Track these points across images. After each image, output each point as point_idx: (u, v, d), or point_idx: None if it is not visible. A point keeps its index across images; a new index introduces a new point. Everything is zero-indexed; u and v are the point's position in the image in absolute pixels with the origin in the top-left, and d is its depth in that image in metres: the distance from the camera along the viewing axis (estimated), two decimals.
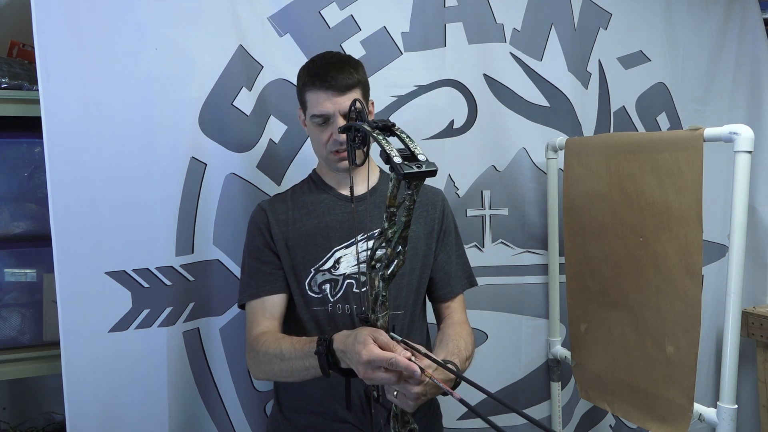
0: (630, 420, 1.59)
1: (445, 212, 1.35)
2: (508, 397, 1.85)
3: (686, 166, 1.33)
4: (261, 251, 1.30)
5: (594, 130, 1.90)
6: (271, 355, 1.16)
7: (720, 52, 2.07)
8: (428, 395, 1.01)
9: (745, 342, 1.78)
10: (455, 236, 1.38)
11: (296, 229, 1.29)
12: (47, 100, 1.31)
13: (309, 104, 1.25)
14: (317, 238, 1.29)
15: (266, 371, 1.21)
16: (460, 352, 1.17)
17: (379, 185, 1.35)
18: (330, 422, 1.27)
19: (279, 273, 1.28)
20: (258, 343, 1.20)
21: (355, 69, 1.25)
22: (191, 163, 1.47)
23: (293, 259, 1.28)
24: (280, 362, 1.14)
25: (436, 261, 1.33)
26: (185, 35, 1.45)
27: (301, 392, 1.29)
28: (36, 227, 1.55)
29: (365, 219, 1.28)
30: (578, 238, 1.68)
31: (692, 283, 1.35)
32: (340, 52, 1.31)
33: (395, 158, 0.86)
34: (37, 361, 1.52)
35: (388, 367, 0.94)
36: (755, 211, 2.10)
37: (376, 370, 0.95)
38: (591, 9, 1.88)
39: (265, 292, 1.27)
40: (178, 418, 1.49)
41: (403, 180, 0.86)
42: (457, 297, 1.35)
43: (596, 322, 1.65)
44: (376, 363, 0.94)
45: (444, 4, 1.73)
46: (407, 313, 1.29)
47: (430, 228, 1.33)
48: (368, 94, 1.30)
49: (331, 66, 1.23)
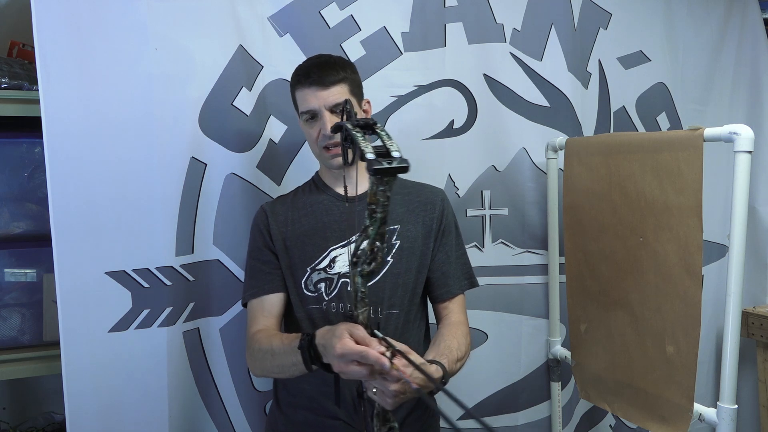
0: (630, 420, 1.59)
1: (444, 212, 1.35)
2: (508, 397, 1.85)
3: (686, 166, 1.33)
4: (261, 251, 1.32)
5: (594, 130, 1.90)
6: (264, 352, 1.19)
7: (720, 52, 2.07)
8: (408, 394, 1.01)
9: (745, 342, 1.78)
10: (455, 237, 1.37)
11: (295, 230, 1.31)
12: (47, 100, 1.31)
13: (298, 103, 1.29)
14: (314, 238, 1.29)
15: (261, 368, 1.24)
16: (450, 353, 1.17)
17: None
18: (322, 418, 1.28)
19: (277, 273, 1.30)
20: (254, 341, 1.23)
21: (341, 67, 1.27)
22: (191, 163, 1.47)
23: (291, 259, 1.30)
24: (272, 358, 1.17)
25: (433, 261, 1.33)
26: (185, 35, 1.45)
27: (297, 388, 1.31)
28: (36, 227, 1.55)
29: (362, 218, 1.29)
30: (578, 238, 1.68)
31: (692, 283, 1.35)
32: (331, 54, 1.33)
33: (368, 155, 0.87)
34: (37, 361, 1.52)
35: (360, 360, 0.95)
36: (755, 211, 2.10)
37: (350, 363, 0.97)
38: (591, 9, 1.88)
39: (263, 291, 1.30)
40: (178, 418, 1.49)
41: (373, 176, 0.87)
42: (455, 298, 1.34)
43: (596, 322, 1.65)
44: (348, 356, 0.96)
45: (444, 4, 1.73)
46: (402, 312, 1.29)
47: (429, 227, 1.33)
48: (360, 93, 1.32)
49: (315, 64, 1.27)
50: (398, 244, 1.30)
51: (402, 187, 1.36)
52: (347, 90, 1.25)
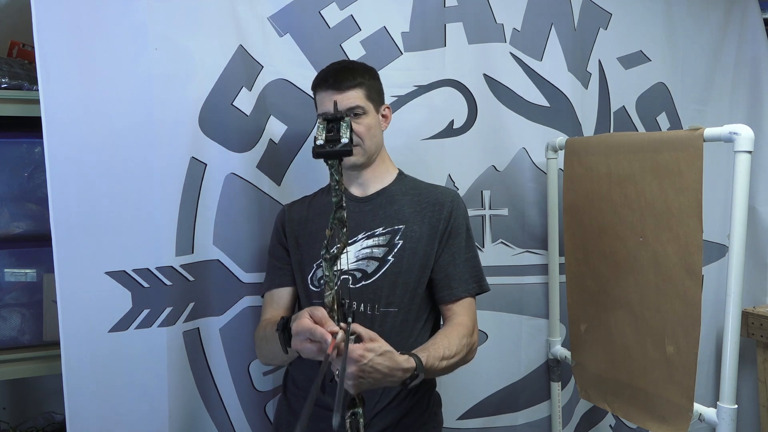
0: (630, 420, 1.59)
1: (453, 213, 1.35)
2: (508, 397, 1.85)
3: (686, 166, 1.33)
4: (275, 248, 1.42)
5: (594, 130, 1.90)
6: (261, 338, 1.32)
7: (720, 52, 2.07)
8: (367, 378, 1.05)
9: (745, 342, 1.78)
10: (466, 239, 1.36)
11: (307, 228, 1.38)
12: (47, 100, 1.31)
13: (318, 105, 1.35)
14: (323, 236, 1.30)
15: (262, 354, 1.36)
16: (436, 350, 1.18)
17: (391, 186, 1.38)
18: (318, 408, 1.27)
19: (288, 268, 1.39)
20: (258, 329, 1.36)
21: (359, 73, 1.33)
22: (191, 163, 1.47)
23: (301, 255, 1.37)
24: (266, 344, 1.29)
25: (437, 262, 1.33)
26: (185, 35, 1.45)
27: (302, 377, 1.35)
28: (36, 227, 1.55)
29: (369, 217, 1.34)
30: (578, 238, 1.68)
31: (692, 283, 1.35)
32: (354, 60, 1.43)
33: (318, 141, 0.99)
34: (37, 361, 1.52)
35: (310, 338, 1.03)
36: (755, 211, 2.10)
37: (304, 341, 1.05)
38: (591, 9, 1.88)
39: (274, 285, 1.39)
40: (178, 418, 1.49)
41: (315, 158, 0.99)
42: (460, 301, 1.32)
43: (596, 322, 1.65)
44: (302, 334, 1.04)
45: (444, 4, 1.73)
46: (401, 311, 1.29)
47: (434, 228, 1.33)
48: (378, 99, 1.37)
49: (334, 69, 1.33)
50: (400, 243, 1.31)
51: (414, 188, 1.39)
52: (363, 95, 1.31)
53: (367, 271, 1.30)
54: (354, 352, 1.02)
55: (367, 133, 1.31)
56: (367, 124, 1.31)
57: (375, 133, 1.33)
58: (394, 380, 1.08)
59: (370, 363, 1.03)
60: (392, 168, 1.42)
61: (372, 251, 1.31)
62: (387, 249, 1.31)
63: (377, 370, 1.04)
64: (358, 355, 1.02)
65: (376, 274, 1.30)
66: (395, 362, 1.07)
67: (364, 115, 1.31)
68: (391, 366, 1.06)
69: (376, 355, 1.04)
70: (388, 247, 1.31)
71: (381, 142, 1.38)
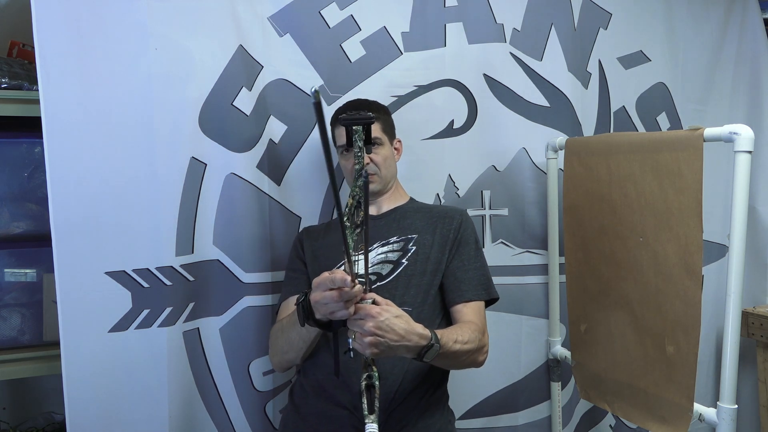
0: (630, 420, 1.59)
1: (462, 225, 1.44)
2: (508, 397, 1.85)
3: (686, 166, 1.33)
4: (293, 261, 1.49)
5: (594, 130, 1.90)
6: (276, 330, 1.37)
7: (720, 52, 2.07)
8: (384, 339, 1.07)
9: (745, 342, 1.78)
10: (474, 249, 1.44)
11: (324, 243, 1.46)
12: (47, 100, 1.31)
13: (336, 139, 1.47)
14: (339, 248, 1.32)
15: (276, 352, 1.37)
16: (450, 333, 1.23)
17: (403, 206, 1.50)
18: (331, 406, 1.32)
19: (304, 278, 1.45)
20: (274, 327, 1.40)
21: (375, 108, 1.46)
22: (191, 163, 1.47)
23: (318, 265, 1.41)
24: (281, 334, 1.33)
25: (448, 267, 1.40)
26: (185, 35, 1.45)
27: (311, 377, 1.36)
28: (36, 227, 1.55)
29: (383, 231, 1.43)
30: (578, 238, 1.68)
31: (692, 283, 1.35)
32: (368, 99, 1.51)
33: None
34: (37, 361, 1.52)
35: (330, 286, 1.04)
36: (755, 211, 2.10)
37: (324, 291, 1.05)
38: (591, 9, 1.88)
39: (290, 293, 1.44)
40: (178, 418, 1.49)
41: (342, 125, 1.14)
42: (469, 303, 1.38)
43: (596, 322, 1.65)
44: (322, 285, 1.05)
45: (444, 4, 1.73)
46: (414, 310, 1.33)
47: (445, 237, 1.42)
48: (391, 133, 1.50)
49: (349, 105, 1.47)
50: (414, 249, 1.40)
51: (424, 207, 1.52)
52: (380, 128, 1.44)
53: (382, 273, 1.38)
54: (372, 309, 1.07)
55: (384, 163, 1.44)
56: (383, 154, 1.44)
57: (390, 163, 1.47)
58: (409, 346, 1.11)
59: (387, 322, 1.07)
60: (405, 195, 1.54)
61: (387, 256, 1.40)
62: (401, 253, 1.40)
63: (393, 330, 1.08)
64: (376, 312, 1.06)
65: (390, 275, 1.37)
66: (411, 326, 1.12)
67: (381, 147, 1.44)
68: (407, 329, 1.10)
69: (392, 316, 1.08)
70: (402, 251, 1.40)
71: (395, 173, 1.51)
